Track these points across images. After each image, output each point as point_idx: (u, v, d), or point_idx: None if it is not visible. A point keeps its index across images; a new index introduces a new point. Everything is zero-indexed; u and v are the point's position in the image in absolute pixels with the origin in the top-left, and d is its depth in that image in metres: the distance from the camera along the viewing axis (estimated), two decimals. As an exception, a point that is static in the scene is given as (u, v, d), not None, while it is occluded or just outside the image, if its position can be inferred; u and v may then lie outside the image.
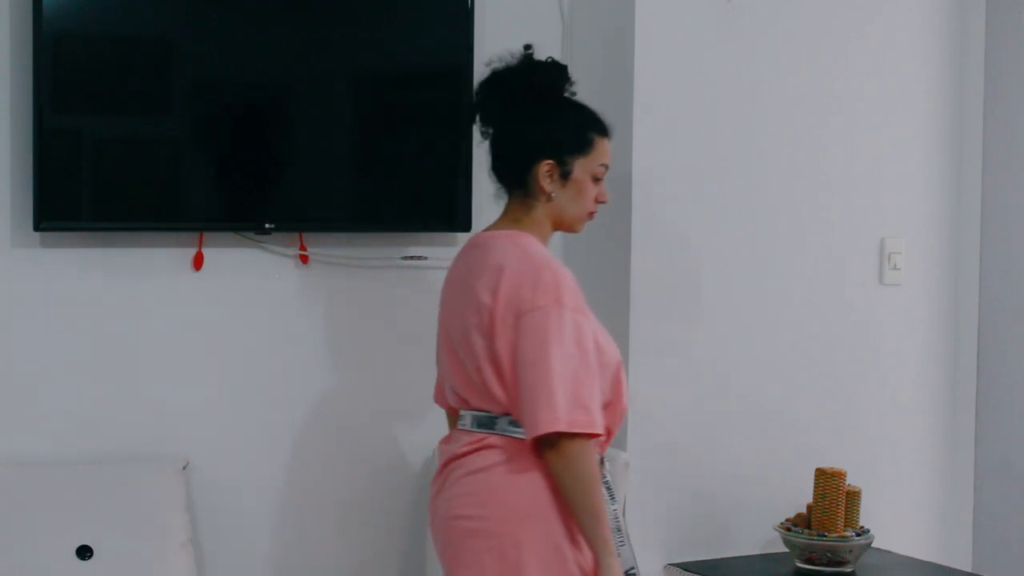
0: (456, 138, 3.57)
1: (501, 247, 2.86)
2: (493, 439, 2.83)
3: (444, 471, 2.90)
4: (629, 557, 2.90)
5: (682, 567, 3.63)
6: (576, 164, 2.92)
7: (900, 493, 4.02)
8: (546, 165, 2.90)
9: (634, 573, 2.89)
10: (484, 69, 3.01)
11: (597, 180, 2.95)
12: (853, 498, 3.63)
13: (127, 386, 3.36)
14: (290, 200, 3.48)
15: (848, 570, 3.58)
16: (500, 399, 2.81)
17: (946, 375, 4.12)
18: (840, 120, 3.89)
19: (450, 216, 3.61)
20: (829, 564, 3.57)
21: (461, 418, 2.92)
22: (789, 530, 3.63)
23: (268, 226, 3.41)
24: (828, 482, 3.59)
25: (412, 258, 3.63)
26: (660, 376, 3.63)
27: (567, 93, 3.00)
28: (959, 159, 4.11)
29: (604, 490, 2.84)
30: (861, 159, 3.92)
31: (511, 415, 2.82)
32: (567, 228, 3.00)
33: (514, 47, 3.00)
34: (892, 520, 3.90)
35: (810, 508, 3.64)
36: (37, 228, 3.21)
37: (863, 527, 3.65)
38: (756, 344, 3.78)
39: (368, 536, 3.62)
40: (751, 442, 3.76)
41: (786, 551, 3.67)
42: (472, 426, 2.87)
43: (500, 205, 3.01)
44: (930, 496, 4.10)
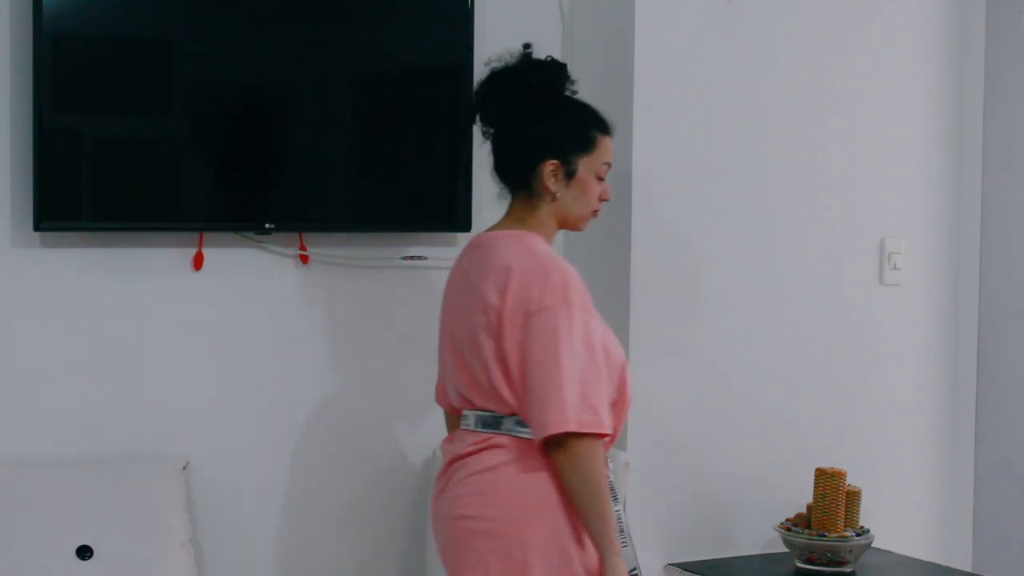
0: (456, 138, 3.56)
1: (506, 247, 2.86)
2: (499, 439, 2.82)
3: (448, 471, 2.89)
4: (631, 558, 2.89)
5: (682, 567, 3.63)
6: (580, 163, 2.92)
7: (900, 493, 4.02)
8: (551, 165, 2.90)
9: (636, 574, 2.89)
10: (484, 69, 3.01)
11: (601, 178, 2.95)
12: (853, 498, 3.63)
13: (127, 386, 3.36)
14: (290, 200, 3.48)
15: (848, 570, 3.58)
16: (507, 400, 2.81)
17: (946, 375, 4.12)
18: (840, 120, 3.88)
19: (450, 216, 3.61)
20: (829, 564, 3.57)
21: (464, 418, 2.91)
22: (789, 530, 3.62)
23: (268, 226, 3.41)
24: (828, 482, 3.59)
25: (412, 258, 3.63)
26: (660, 376, 3.62)
27: (568, 92, 3.00)
28: (959, 159, 4.11)
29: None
30: (861, 159, 3.92)
31: (517, 415, 2.81)
32: (572, 227, 3.00)
33: (514, 47, 3.00)
34: (892, 520, 3.90)
35: (810, 508, 3.64)
36: (37, 228, 3.21)
37: (863, 527, 3.65)
38: (756, 344, 3.78)
39: (368, 536, 3.61)
40: (751, 442, 3.76)
41: (786, 551, 3.67)
42: (477, 426, 2.87)
43: (501, 205, 3.01)
44: (930, 496, 4.10)
